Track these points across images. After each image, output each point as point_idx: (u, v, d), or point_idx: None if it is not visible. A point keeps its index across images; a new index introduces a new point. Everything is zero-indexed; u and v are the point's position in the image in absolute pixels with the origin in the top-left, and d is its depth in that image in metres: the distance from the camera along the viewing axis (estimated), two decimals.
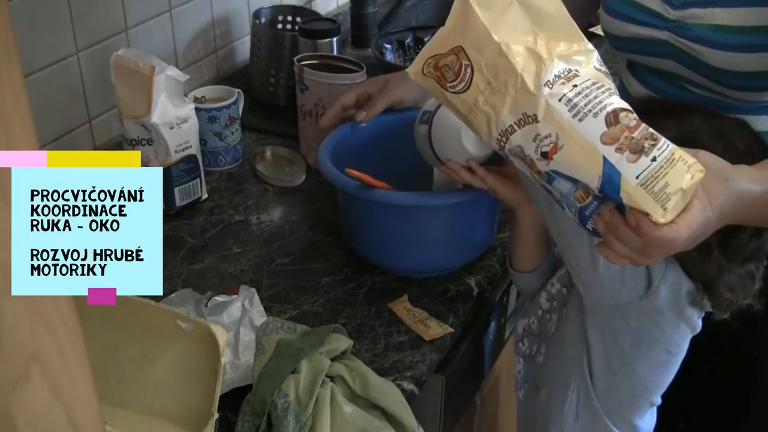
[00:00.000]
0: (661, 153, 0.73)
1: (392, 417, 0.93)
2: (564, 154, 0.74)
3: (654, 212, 0.73)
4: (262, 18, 1.68)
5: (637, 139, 0.73)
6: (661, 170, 0.72)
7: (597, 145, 0.73)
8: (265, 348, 0.95)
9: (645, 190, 0.72)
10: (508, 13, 0.77)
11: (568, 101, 0.74)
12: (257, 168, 1.42)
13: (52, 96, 1.34)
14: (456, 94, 0.80)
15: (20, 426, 0.50)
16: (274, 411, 0.89)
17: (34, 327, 0.49)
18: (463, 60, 0.79)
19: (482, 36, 0.77)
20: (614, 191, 0.73)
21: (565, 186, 0.77)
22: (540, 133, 0.75)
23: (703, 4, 1.06)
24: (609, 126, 0.73)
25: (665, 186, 0.72)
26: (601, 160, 0.73)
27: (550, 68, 0.75)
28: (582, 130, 0.73)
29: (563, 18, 0.79)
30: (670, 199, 0.72)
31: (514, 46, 0.76)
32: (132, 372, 0.91)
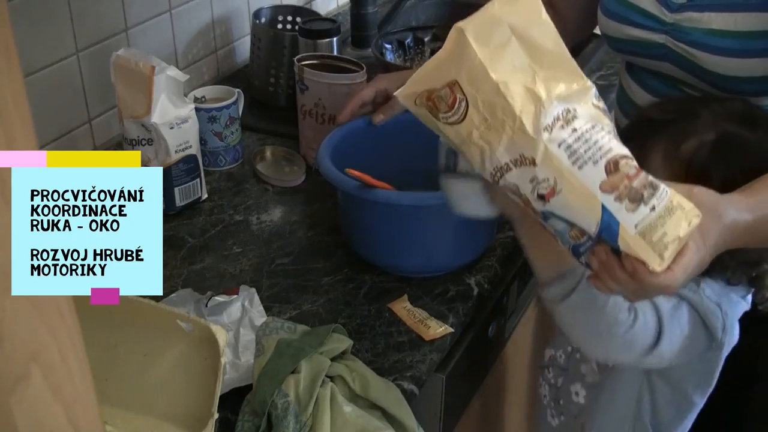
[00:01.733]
0: (660, 202, 0.73)
1: (392, 417, 0.93)
2: (562, 198, 0.74)
3: (651, 261, 0.73)
4: (262, 18, 1.68)
5: (637, 187, 0.72)
6: (659, 219, 0.72)
7: (596, 193, 0.72)
8: (265, 348, 0.95)
9: (643, 240, 0.72)
10: (506, 50, 0.75)
11: (568, 147, 0.73)
12: (257, 168, 1.42)
13: (52, 96, 1.34)
14: (449, 125, 0.78)
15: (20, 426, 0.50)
16: (274, 411, 0.89)
17: (34, 327, 0.49)
18: (457, 93, 0.76)
19: (479, 72, 0.75)
20: (612, 238, 0.73)
21: (561, 225, 0.76)
22: (537, 176, 0.74)
23: (699, 8, 1.07)
24: (609, 174, 0.72)
25: (663, 235, 0.72)
26: (600, 207, 0.72)
27: (549, 110, 0.73)
28: (581, 177, 0.73)
29: (562, 54, 0.76)
30: (667, 248, 0.73)
31: (513, 85, 0.74)
32: (132, 372, 0.91)
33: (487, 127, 0.75)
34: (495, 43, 0.74)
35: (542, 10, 0.76)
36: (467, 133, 0.77)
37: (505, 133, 0.74)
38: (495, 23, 0.74)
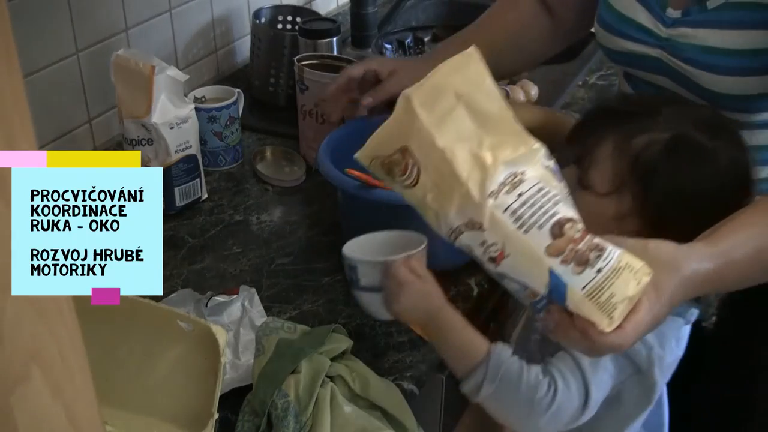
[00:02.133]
0: (607, 264, 0.74)
1: (392, 417, 0.93)
2: (511, 262, 0.75)
3: (600, 322, 0.74)
4: (262, 18, 1.68)
5: (582, 250, 0.73)
6: (606, 281, 0.73)
7: (543, 257, 0.73)
8: (265, 348, 0.95)
9: (591, 301, 0.73)
10: (452, 116, 0.76)
11: (513, 212, 0.74)
12: (257, 168, 1.42)
13: (52, 96, 1.34)
14: (405, 188, 0.80)
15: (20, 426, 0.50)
16: (274, 411, 0.89)
17: (34, 327, 0.49)
18: (409, 159, 0.77)
19: (426, 139, 0.76)
20: (561, 300, 0.75)
21: (515, 286, 0.78)
22: (487, 240, 0.75)
23: (693, 24, 1.07)
24: (554, 238, 0.73)
25: (611, 296, 0.73)
26: (548, 271, 0.74)
27: (495, 176, 0.74)
28: (528, 242, 0.74)
29: (508, 119, 0.77)
30: (616, 308, 0.74)
31: (459, 151, 0.75)
32: (132, 372, 0.91)
33: (438, 191, 0.77)
34: (441, 110, 0.75)
35: (487, 76, 0.77)
36: (422, 196, 0.78)
37: (454, 198, 0.75)
38: (441, 90, 0.76)
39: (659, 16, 1.10)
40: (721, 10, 1.04)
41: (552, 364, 0.94)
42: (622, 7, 1.15)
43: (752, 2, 1.02)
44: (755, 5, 1.01)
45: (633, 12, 1.13)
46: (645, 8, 1.12)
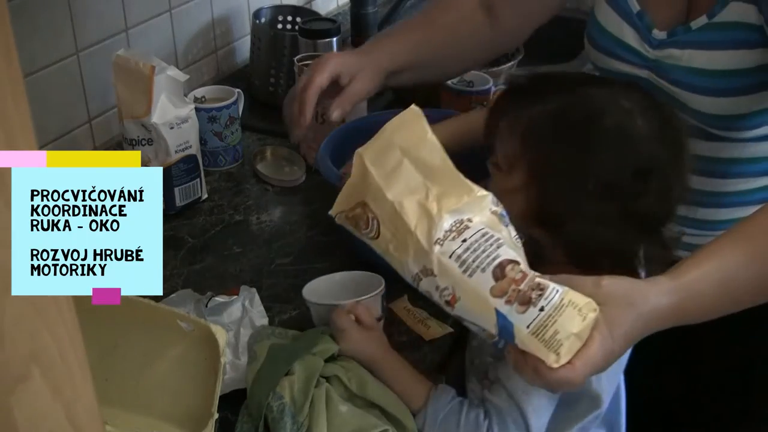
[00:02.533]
0: (549, 302, 0.76)
1: (390, 416, 0.93)
2: (462, 305, 0.78)
3: (547, 358, 0.75)
4: (262, 18, 1.68)
5: (524, 290, 0.76)
6: (549, 318, 0.75)
7: (488, 298, 0.76)
8: (258, 354, 0.95)
9: (536, 338, 0.75)
10: (400, 170, 0.80)
11: (458, 258, 0.78)
12: (257, 168, 1.42)
13: (52, 96, 1.34)
14: (370, 240, 0.84)
15: (20, 426, 0.50)
16: (270, 414, 0.89)
17: (34, 327, 0.49)
18: (368, 213, 0.83)
19: (378, 193, 0.81)
20: (510, 338, 0.77)
21: (474, 327, 0.80)
22: (439, 285, 0.79)
23: (679, 45, 1.07)
24: (497, 280, 0.76)
25: (555, 333, 0.75)
26: (494, 311, 0.76)
27: (440, 224, 0.78)
28: (473, 285, 0.77)
29: (450, 170, 0.81)
30: (562, 344, 0.75)
31: (407, 203, 0.79)
32: (132, 372, 0.91)
33: (397, 241, 0.81)
34: (389, 165, 0.81)
35: (428, 131, 0.82)
36: (385, 246, 0.83)
37: (409, 246, 0.80)
38: (388, 147, 0.81)
39: (646, 37, 1.10)
40: (705, 31, 1.04)
41: (488, 400, 0.96)
42: (610, 27, 1.15)
43: (735, 22, 1.02)
44: (738, 25, 1.02)
45: (620, 32, 1.13)
46: (632, 28, 1.12)
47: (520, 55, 1.64)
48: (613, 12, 1.14)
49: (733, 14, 1.02)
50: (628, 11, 1.12)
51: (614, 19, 1.14)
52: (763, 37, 1.00)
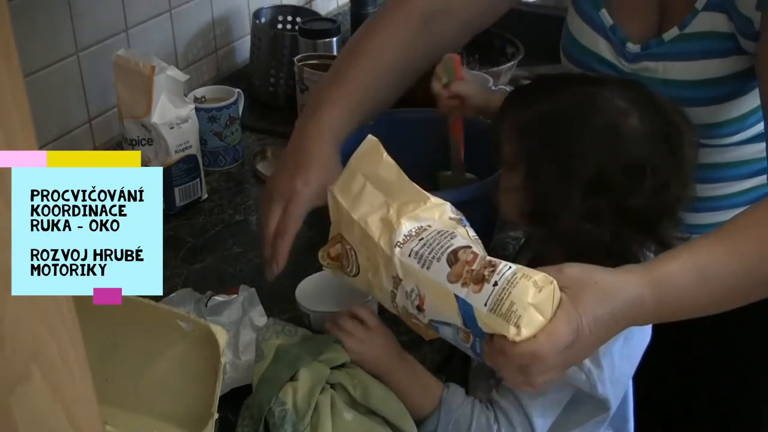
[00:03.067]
0: (502, 276, 0.76)
1: (393, 425, 0.92)
2: (429, 303, 0.80)
3: (508, 332, 0.75)
4: (262, 18, 1.68)
5: (477, 270, 0.77)
6: (504, 292, 0.75)
7: (446, 286, 0.78)
8: (265, 353, 0.95)
9: (495, 315, 0.75)
10: (363, 193, 0.86)
11: (415, 254, 0.81)
12: (257, 168, 1.42)
13: (52, 96, 1.34)
14: (353, 278, 0.89)
15: (20, 426, 0.50)
16: (271, 419, 0.89)
17: (34, 327, 0.49)
18: (346, 245, 0.89)
19: (348, 219, 0.87)
20: (474, 323, 0.77)
21: (449, 331, 0.81)
22: (407, 289, 0.82)
23: (654, 57, 1.07)
24: (451, 266, 0.78)
25: (512, 305, 0.74)
26: (454, 297, 0.77)
27: (399, 230, 0.82)
28: (432, 276, 0.79)
29: (406, 183, 0.86)
30: (521, 316, 0.74)
31: (371, 219, 0.85)
32: (132, 372, 0.91)
33: (371, 265, 0.86)
34: (355, 191, 0.87)
35: (383, 153, 0.88)
36: (366, 279, 0.87)
37: (379, 263, 0.84)
38: (352, 175, 0.88)
39: (621, 51, 1.10)
40: (678, 42, 1.05)
41: (496, 402, 0.97)
42: (584, 41, 1.15)
43: (706, 32, 1.02)
44: (709, 34, 1.02)
45: (596, 46, 1.13)
46: (607, 42, 1.12)
47: (520, 55, 1.64)
48: (587, 26, 1.14)
49: (704, 24, 1.02)
50: (601, 25, 1.12)
51: (588, 33, 1.14)
52: (735, 44, 1.01)
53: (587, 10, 1.14)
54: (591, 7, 1.13)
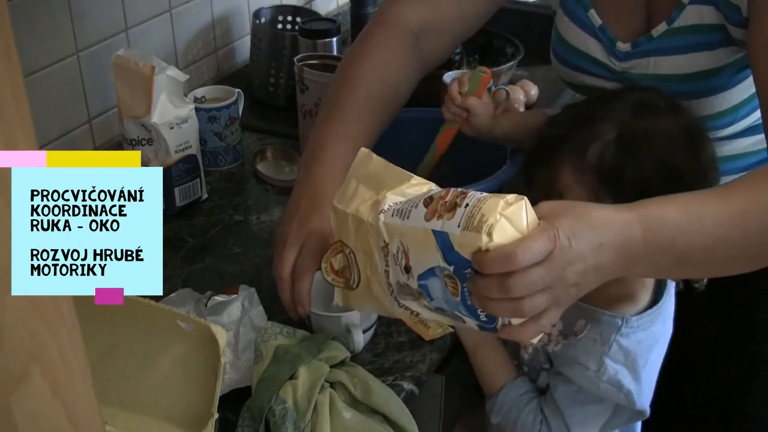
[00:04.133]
0: (473, 198, 0.76)
1: (394, 423, 0.92)
2: (413, 254, 0.80)
3: (480, 241, 0.73)
4: (262, 18, 1.68)
5: (450, 200, 0.77)
6: (474, 209, 0.74)
7: (425, 226, 0.78)
8: (264, 354, 0.95)
9: (468, 231, 0.74)
10: (357, 193, 0.88)
11: (396, 211, 0.83)
12: (257, 168, 1.42)
13: (52, 96, 1.34)
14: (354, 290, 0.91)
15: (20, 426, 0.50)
16: (272, 418, 0.89)
17: (34, 327, 0.49)
18: (346, 250, 0.90)
19: (343, 217, 0.88)
20: (452, 251, 0.76)
21: (437, 286, 0.79)
22: (393, 252, 0.83)
23: (644, 54, 1.07)
24: (427, 206, 0.79)
25: (482, 218, 0.74)
26: (431, 234, 0.77)
27: (383, 203, 0.84)
28: (411, 224, 0.80)
29: (392, 169, 0.87)
30: (492, 225, 0.73)
31: (362, 207, 0.87)
32: (132, 372, 0.91)
33: (367, 258, 0.87)
34: (349, 194, 0.89)
35: (373, 155, 0.90)
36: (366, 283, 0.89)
37: (372, 246, 0.85)
38: (347, 183, 0.90)
39: (611, 51, 1.11)
40: (667, 37, 1.05)
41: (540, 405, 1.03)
42: (574, 41, 1.15)
43: (694, 25, 1.03)
44: (697, 27, 1.03)
45: (585, 46, 1.13)
46: (597, 42, 1.12)
47: (520, 55, 1.64)
48: (576, 27, 1.14)
49: (692, 17, 1.03)
50: (590, 26, 1.12)
51: (578, 34, 1.14)
52: (724, 36, 1.01)
53: (576, 11, 1.14)
54: (579, 8, 1.14)
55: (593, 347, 0.97)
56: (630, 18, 1.09)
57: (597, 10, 1.12)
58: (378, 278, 0.87)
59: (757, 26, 0.95)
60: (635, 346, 0.98)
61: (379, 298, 0.89)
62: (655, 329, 1.00)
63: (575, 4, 1.14)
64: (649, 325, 0.99)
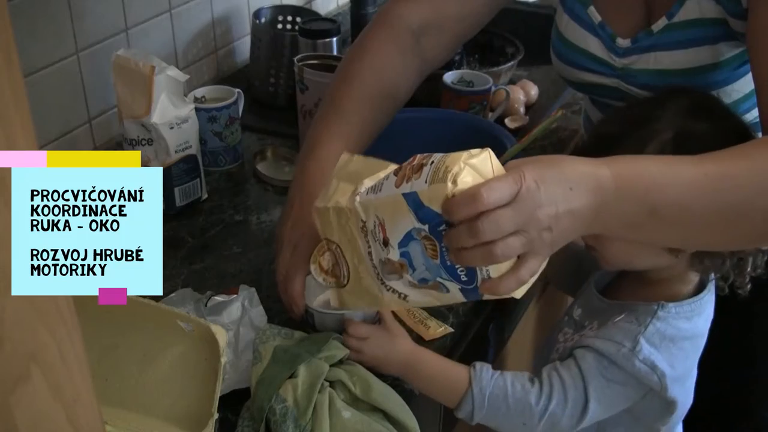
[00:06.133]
0: (436, 157, 0.76)
1: (395, 420, 0.92)
2: (389, 225, 0.80)
3: (446, 189, 0.73)
4: (262, 18, 1.68)
5: (416, 164, 0.78)
6: (439, 164, 0.75)
7: (396, 193, 0.78)
8: (262, 355, 0.95)
9: (434, 185, 0.75)
10: (337, 190, 0.88)
11: (370, 189, 0.83)
12: (257, 168, 1.42)
13: (52, 96, 1.34)
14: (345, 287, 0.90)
15: (20, 426, 0.50)
16: (273, 417, 0.89)
17: (34, 327, 0.49)
18: (332, 246, 0.90)
19: (325, 215, 0.88)
20: (422, 208, 0.76)
21: (417, 250, 0.79)
22: (370, 228, 0.83)
23: (644, 50, 1.07)
24: (397, 175, 0.79)
25: (446, 169, 0.74)
26: (402, 199, 0.77)
27: (360, 187, 0.84)
28: (383, 195, 0.80)
29: (371, 162, 0.87)
30: (456, 173, 0.73)
31: (342, 199, 0.86)
32: (132, 372, 0.91)
33: (353, 249, 0.87)
34: (330, 193, 0.89)
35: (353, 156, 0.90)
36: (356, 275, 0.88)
37: (353, 232, 0.85)
38: (329, 183, 0.90)
39: (611, 47, 1.10)
40: (667, 32, 1.05)
41: (555, 372, 0.98)
42: (574, 39, 1.15)
43: (694, 19, 1.03)
44: (698, 21, 1.02)
45: (585, 43, 1.13)
46: (597, 39, 1.12)
47: (520, 55, 1.64)
48: (575, 24, 1.14)
49: (692, 12, 1.03)
50: (590, 23, 1.12)
51: (578, 31, 1.14)
52: (724, 30, 1.01)
53: (575, 8, 1.14)
54: (579, 5, 1.14)
55: (629, 327, 0.97)
56: (629, 14, 1.09)
57: (596, 7, 1.12)
58: (365, 265, 0.87)
59: (756, 17, 0.94)
60: (672, 331, 0.98)
61: (369, 289, 0.88)
62: (698, 323, 1.01)
63: (575, 1, 1.14)
64: (690, 317, 1.00)
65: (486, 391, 0.97)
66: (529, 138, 1.16)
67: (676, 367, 0.98)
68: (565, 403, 0.96)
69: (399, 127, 1.21)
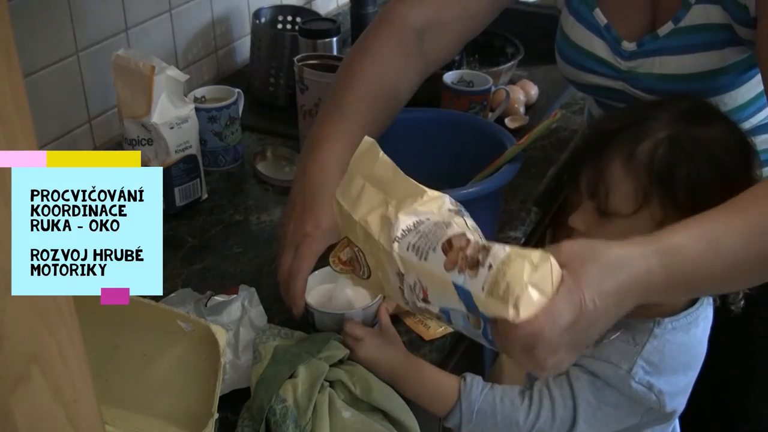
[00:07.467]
0: (496, 258, 0.74)
1: (395, 420, 0.92)
2: (432, 293, 0.79)
3: (506, 313, 0.73)
4: (262, 18, 1.68)
5: (471, 254, 0.76)
6: (499, 273, 0.73)
7: (444, 274, 0.77)
8: (262, 355, 0.95)
9: (493, 297, 0.73)
10: (363, 194, 0.86)
11: (413, 247, 0.80)
12: (257, 168, 1.42)
13: (52, 96, 1.34)
14: (366, 280, 0.89)
15: (20, 426, 0.50)
16: (273, 417, 0.89)
17: (34, 327, 0.49)
18: (354, 248, 0.89)
19: (350, 221, 0.87)
20: (474, 308, 0.75)
21: (459, 318, 0.79)
22: (410, 283, 0.81)
23: (650, 53, 1.07)
24: (446, 254, 0.77)
25: (508, 286, 0.73)
26: (452, 285, 0.76)
27: (397, 225, 0.82)
28: (429, 267, 0.78)
29: (402, 178, 0.85)
30: (518, 296, 0.72)
31: (371, 218, 0.84)
32: (132, 372, 0.91)
33: (379, 265, 0.86)
34: (354, 192, 0.87)
35: (379, 152, 0.86)
36: (378, 280, 0.87)
37: (383, 261, 0.84)
38: (352, 178, 0.88)
39: (616, 50, 1.11)
40: (673, 36, 1.05)
41: (547, 386, 0.97)
42: (579, 40, 1.15)
43: (700, 24, 1.03)
44: (704, 27, 1.02)
45: (590, 45, 1.13)
46: (603, 41, 1.12)
47: (520, 55, 1.64)
48: (581, 26, 1.14)
49: (698, 17, 1.03)
50: (595, 25, 1.12)
51: (583, 33, 1.14)
52: (730, 35, 1.01)
53: (581, 10, 1.14)
54: (585, 7, 1.14)
55: (626, 348, 0.96)
56: (635, 17, 1.09)
57: (602, 10, 1.12)
58: (390, 286, 0.86)
59: (766, 25, 0.94)
60: (671, 347, 0.97)
61: (390, 296, 0.88)
62: (696, 334, 1.00)
63: (580, 3, 1.14)
64: (687, 329, 0.99)
65: (474, 407, 0.97)
66: (529, 138, 1.15)
67: (676, 382, 0.98)
68: (552, 421, 0.96)
69: (399, 126, 1.21)
